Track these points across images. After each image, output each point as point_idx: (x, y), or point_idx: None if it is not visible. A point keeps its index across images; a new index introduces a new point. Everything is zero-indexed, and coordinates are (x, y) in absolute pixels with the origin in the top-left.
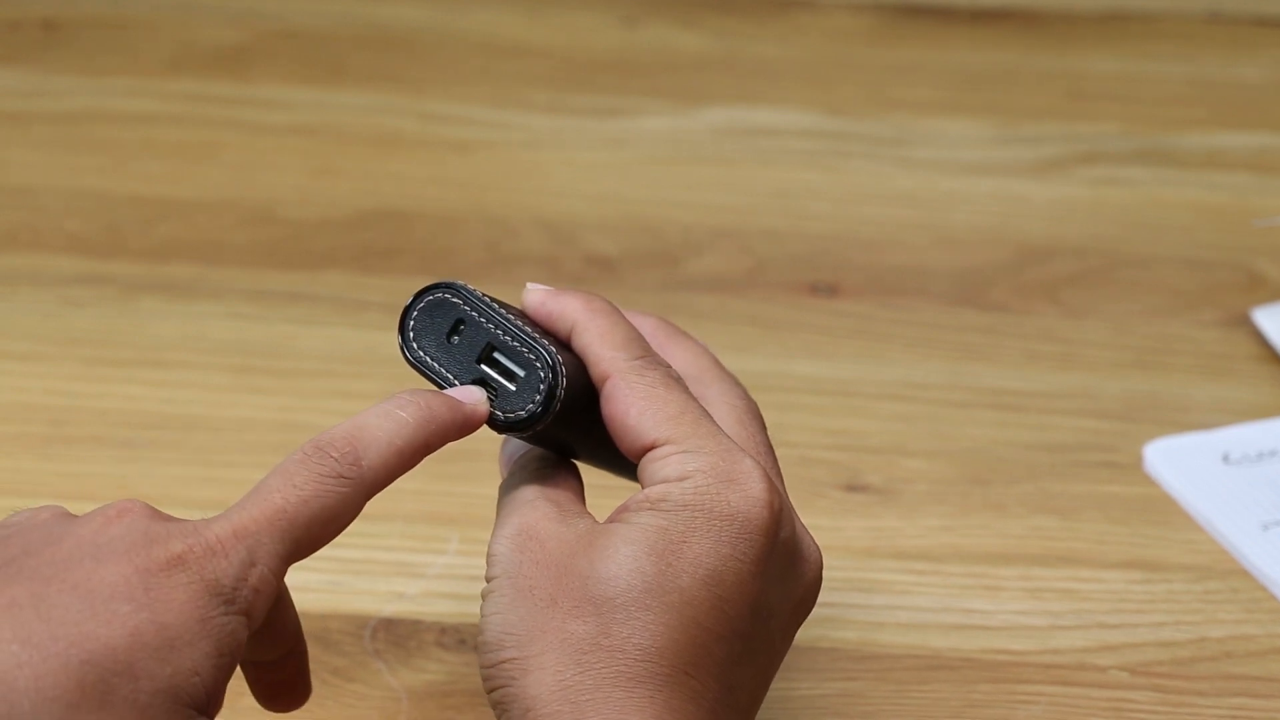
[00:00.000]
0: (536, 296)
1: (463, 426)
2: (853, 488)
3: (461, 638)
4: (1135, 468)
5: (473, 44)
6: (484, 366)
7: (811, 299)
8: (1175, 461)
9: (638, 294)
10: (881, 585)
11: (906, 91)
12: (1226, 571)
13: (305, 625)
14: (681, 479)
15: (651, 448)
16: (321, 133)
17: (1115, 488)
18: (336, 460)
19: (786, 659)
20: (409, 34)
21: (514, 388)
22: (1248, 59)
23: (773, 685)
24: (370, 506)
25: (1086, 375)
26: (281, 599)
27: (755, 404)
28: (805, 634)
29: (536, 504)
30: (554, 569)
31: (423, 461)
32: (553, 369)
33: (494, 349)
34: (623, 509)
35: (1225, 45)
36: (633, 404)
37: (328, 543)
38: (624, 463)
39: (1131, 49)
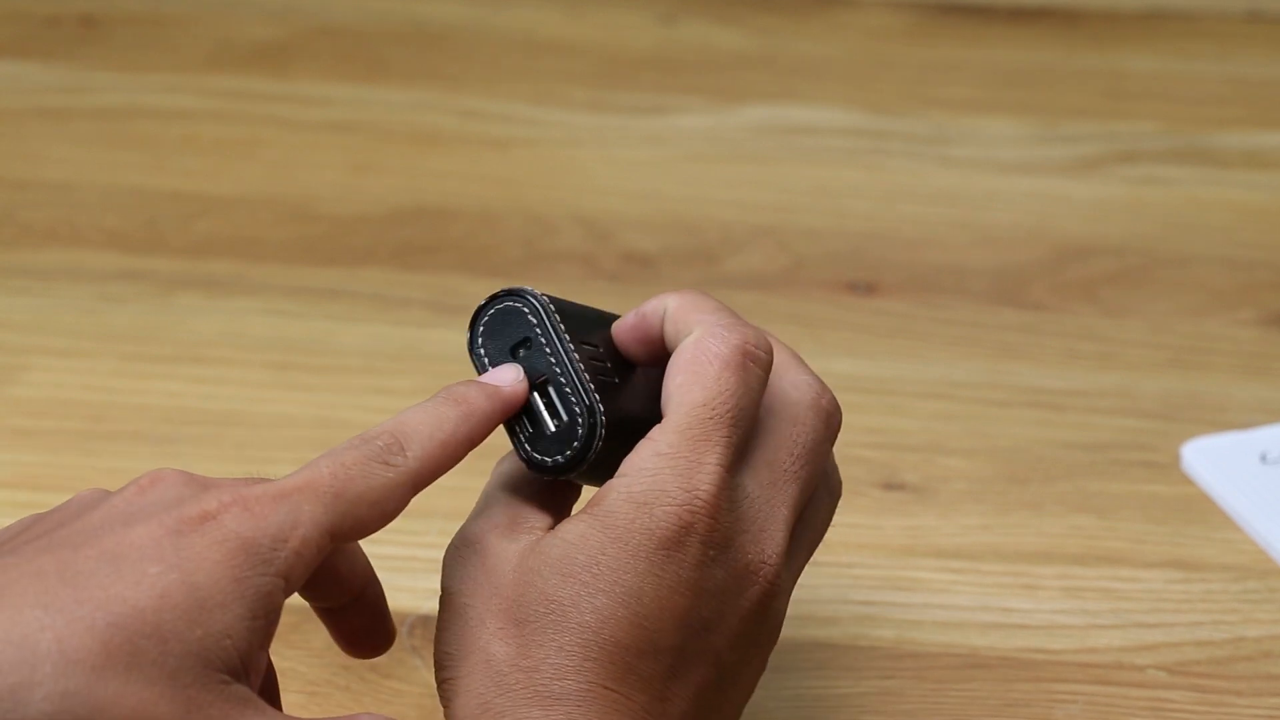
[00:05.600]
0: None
1: (504, 412)
2: (891, 486)
3: None
4: (1173, 467)
5: (512, 41)
6: (535, 394)
7: (850, 297)
8: (1213, 461)
9: None
10: (919, 584)
11: (946, 90)
12: (1265, 571)
13: None
14: (621, 474)
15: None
16: (361, 129)
17: (1153, 487)
18: (382, 448)
19: (823, 657)
20: (448, 31)
21: (553, 428)
22: None
23: (809, 684)
24: (409, 503)
25: (1125, 374)
26: (344, 546)
27: (823, 405)
28: (843, 632)
29: (491, 512)
30: (486, 587)
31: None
32: (590, 430)
33: (548, 383)
34: (584, 506)
35: (1265, 45)
36: (680, 373)
37: (373, 530)
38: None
39: (1171, 48)
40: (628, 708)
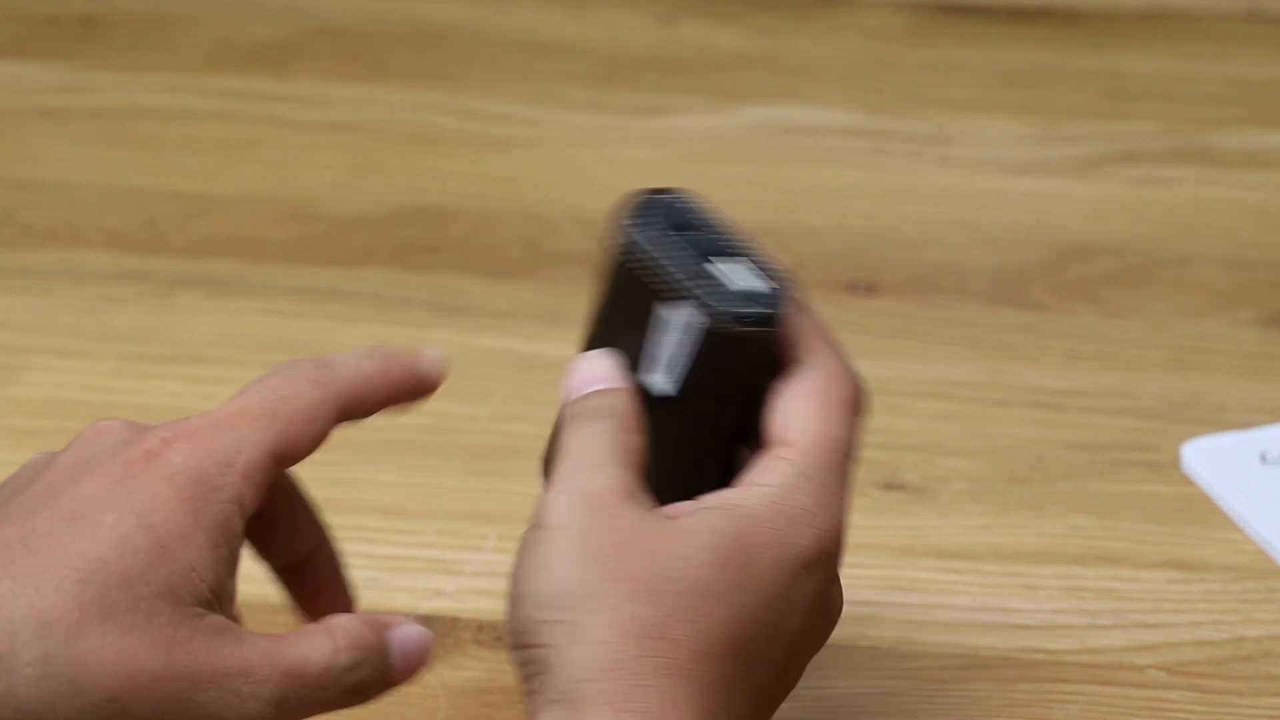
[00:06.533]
0: None
1: (425, 378)
2: (891, 486)
3: (499, 635)
4: (1173, 467)
5: (512, 41)
6: (709, 265)
7: (850, 297)
8: (1213, 461)
9: None
10: (920, 584)
11: (946, 90)
12: (1264, 571)
13: None
14: (765, 485)
15: (781, 441)
16: (361, 129)
17: (1153, 487)
18: (308, 368)
19: (824, 657)
20: (449, 31)
21: (743, 287)
22: None
23: (811, 685)
24: (407, 504)
25: (1125, 374)
26: (288, 491)
27: (853, 390)
28: (844, 632)
29: (609, 472)
30: (626, 547)
31: (459, 459)
32: (780, 292)
33: (722, 253)
34: (701, 504)
35: (1265, 45)
36: (811, 400)
37: (307, 451)
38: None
39: (1171, 48)
40: (733, 710)
